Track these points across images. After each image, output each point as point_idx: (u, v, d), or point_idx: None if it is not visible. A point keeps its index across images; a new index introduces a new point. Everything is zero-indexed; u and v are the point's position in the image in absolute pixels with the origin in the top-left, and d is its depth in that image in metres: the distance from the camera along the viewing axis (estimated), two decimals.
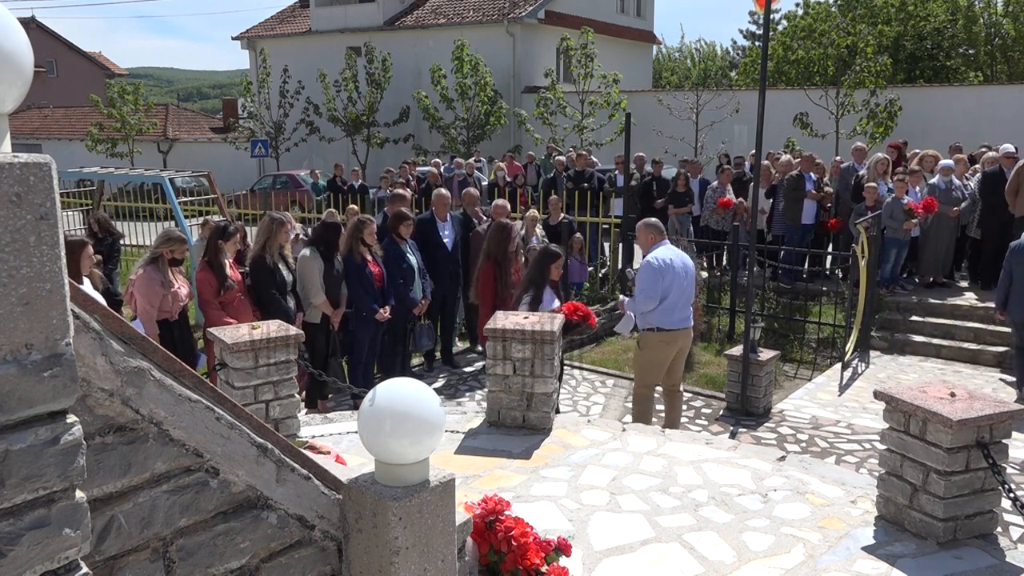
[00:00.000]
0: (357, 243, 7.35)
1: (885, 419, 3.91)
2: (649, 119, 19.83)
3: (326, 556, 2.17)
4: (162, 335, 6.21)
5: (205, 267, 6.63)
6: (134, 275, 6.33)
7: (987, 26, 32.98)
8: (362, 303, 7.32)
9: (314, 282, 7.19)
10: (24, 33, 1.42)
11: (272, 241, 6.94)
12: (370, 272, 7.40)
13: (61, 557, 1.38)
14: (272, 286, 6.86)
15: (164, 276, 6.25)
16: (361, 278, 7.32)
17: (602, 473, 4.53)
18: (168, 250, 6.35)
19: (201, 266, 6.65)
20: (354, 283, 7.32)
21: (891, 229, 10.36)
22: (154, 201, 16.95)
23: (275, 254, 6.95)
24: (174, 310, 6.31)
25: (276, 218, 7.14)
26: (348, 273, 7.30)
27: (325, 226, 7.59)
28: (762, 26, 7.98)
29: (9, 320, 1.29)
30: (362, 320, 7.41)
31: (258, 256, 6.93)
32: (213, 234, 6.86)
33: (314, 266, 7.21)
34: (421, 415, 2.11)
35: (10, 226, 1.28)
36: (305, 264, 7.21)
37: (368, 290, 7.34)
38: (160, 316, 6.23)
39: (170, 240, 6.43)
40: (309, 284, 7.17)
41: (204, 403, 1.84)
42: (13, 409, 1.30)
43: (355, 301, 7.35)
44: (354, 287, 7.32)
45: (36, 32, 43.24)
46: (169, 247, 6.37)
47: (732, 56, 50.58)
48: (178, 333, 6.46)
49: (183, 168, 22.82)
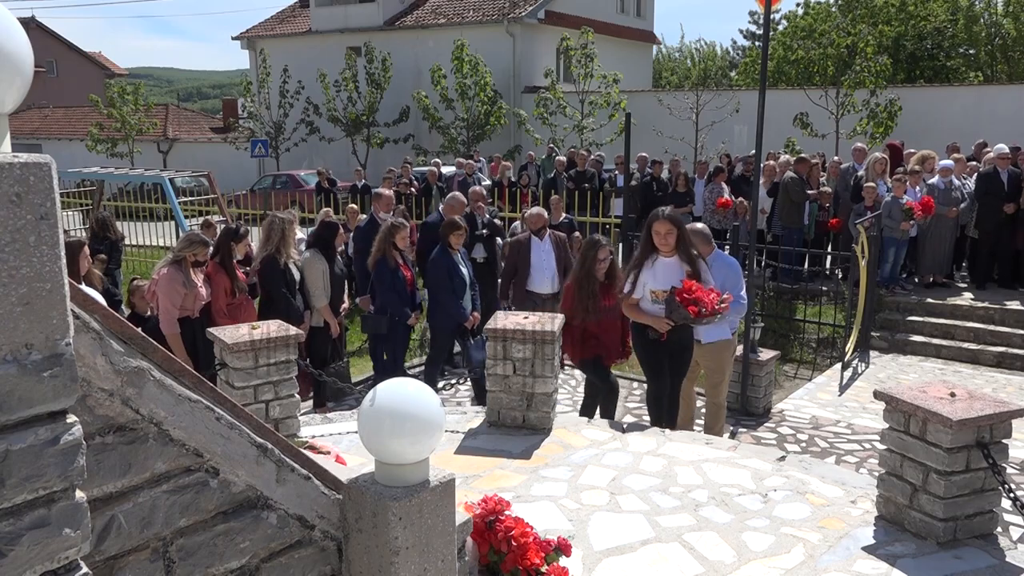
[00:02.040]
0: (390, 247, 7.15)
1: (885, 419, 3.91)
2: (649, 119, 19.83)
3: (326, 556, 2.17)
4: (183, 333, 6.26)
5: (218, 269, 6.64)
6: (156, 274, 6.36)
7: (987, 26, 32.96)
8: (395, 309, 7.13)
9: (318, 284, 7.17)
10: (24, 33, 1.42)
11: (284, 241, 6.92)
12: (403, 276, 7.21)
13: (61, 557, 1.39)
14: (283, 286, 6.85)
15: (186, 276, 6.28)
16: (394, 283, 7.13)
17: (602, 473, 4.53)
18: (191, 253, 6.37)
19: (213, 268, 6.66)
20: (387, 288, 7.12)
21: (889, 229, 10.37)
22: (154, 201, 16.95)
23: (286, 254, 6.95)
24: (195, 308, 6.35)
25: (285, 218, 7.10)
26: (381, 278, 7.12)
27: (324, 226, 7.58)
28: (762, 26, 7.98)
29: (9, 320, 1.29)
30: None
31: (270, 256, 6.89)
32: (225, 236, 6.88)
33: (319, 267, 7.18)
34: (421, 415, 2.11)
35: (10, 226, 1.28)
36: (310, 265, 7.19)
37: (402, 296, 7.15)
38: (182, 314, 6.26)
39: (192, 244, 6.45)
40: (314, 286, 7.15)
41: (204, 403, 1.84)
42: (13, 409, 1.30)
43: (388, 307, 7.15)
44: (387, 292, 7.12)
45: (36, 32, 43.23)
46: (192, 250, 6.39)
47: (732, 56, 50.56)
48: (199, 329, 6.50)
49: (183, 168, 22.82)
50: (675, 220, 5.39)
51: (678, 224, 5.41)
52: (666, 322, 5.32)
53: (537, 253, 7.92)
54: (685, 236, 5.40)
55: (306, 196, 17.75)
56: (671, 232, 5.34)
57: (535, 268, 7.88)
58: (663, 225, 5.36)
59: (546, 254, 7.95)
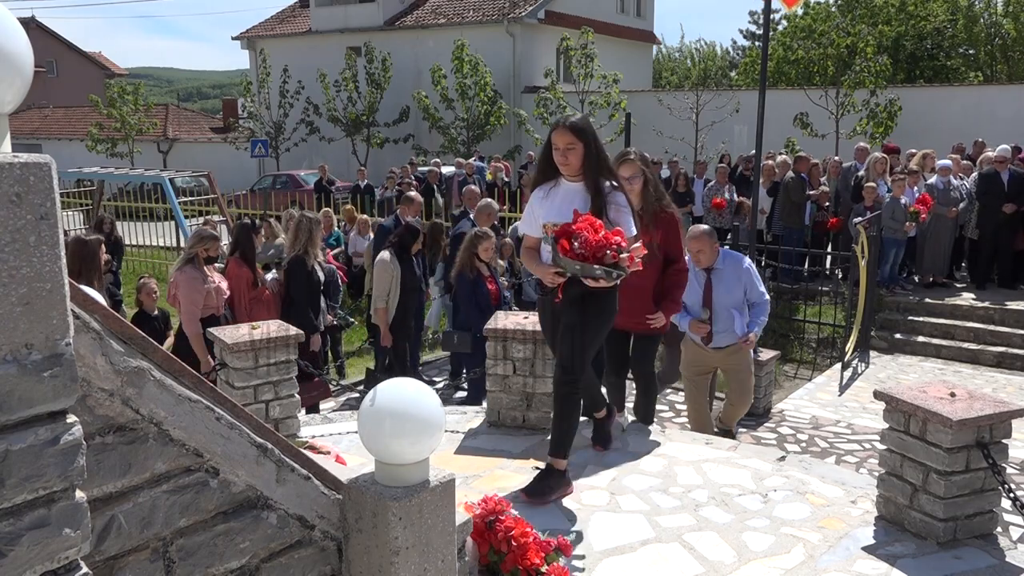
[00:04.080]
0: (472, 259, 6.82)
1: (885, 419, 3.91)
2: (649, 119, 19.83)
3: (326, 556, 2.17)
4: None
5: (239, 262, 6.60)
6: (173, 278, 6.31)
7: (987, 26, 32.97)
8: (478, 325, 6.44)
9: (384, 288, 6.94)
10: (24, 33, 1.42)
11: (311, 242, 6.80)
12: (486, 290, 6.83)
13: (61, 557, 1.39)
14: (308, 289, 6.68)
15: (203, 274, 6.24)
16: (477, 297, 6.79)
17: (602, 473, 4.53)
18: (203, 248, 6.33)
19: (235, 261, 6.62)
20: (467, 302, 6.73)
21: (890, 229, 10.37)
22: (154, 201, 16.95)
23: (314, 255, 6.84)
24: (220, 304, 6.30)
25: (313, 218, 6.97)
26: (461, 291, 6.79)
27: (408, 228, 7.29)
28: (762, 26, 7.98)
29: (9, 320, 1.29)
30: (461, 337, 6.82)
31: (298, 258, 6.74)
32: (244, 230, 6.83)
33: (391, 272, 6.98)
34: (421, 415, 2.11)
35: (10, 226, 1.28)
36: (382, 269, 6.99)
37: (484, 311, 6.54)
38: (207, 312, 6.21)
39: (203, 239, 6.40)
40: (379, 289, 6.94)
41: (204, 403, 1.84)
42: (13, 409, 1.30)
43: (469, 322, 6.73)
44: (468, 306, 6.73)
45: (36, 32, 43.21)
46: (203, 245, 6.33)
47: (732, 56, 50.56)
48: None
49: (183, 168, 22.82)
50: (577, 128, 3.91)
51: (580, 132, 3.91)
52: (551, 273, 3.88)
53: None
54: (594, 150, 3.92)
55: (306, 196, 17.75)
56: (573, 146, 3.88)
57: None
58: (562, 136, 3.90)
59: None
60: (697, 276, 5.58)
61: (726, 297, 5.61)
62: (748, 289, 5.63)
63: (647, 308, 4.79)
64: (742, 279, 5.61)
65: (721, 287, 5.61)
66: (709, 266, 5.61)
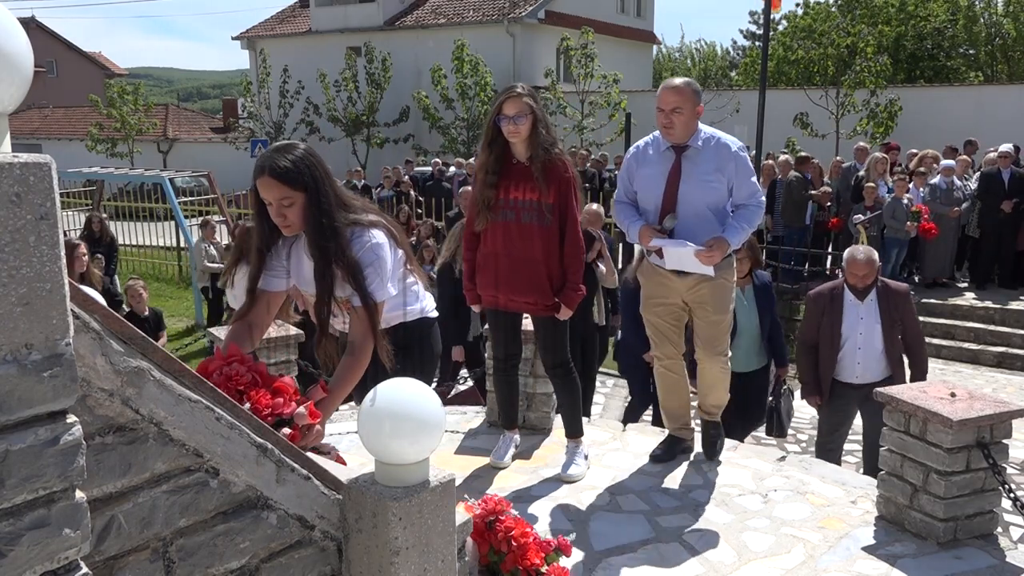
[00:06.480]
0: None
1: (885, 419, 3.91)
2: (649, 119, 19.57)
3: (326, 556, 2.17)
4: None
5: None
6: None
7: (987, 26, 32.98)
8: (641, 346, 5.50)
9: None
10: (24, 33, 1.42)
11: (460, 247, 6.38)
12: None
13: (61, 557, 1.38)
14: (453, 299, 5.97)
15: None
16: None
17: (602, 473, 4.53)
18: None
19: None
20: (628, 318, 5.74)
21: (892, 229, 10.37)
22: (154, 201, 16.96)
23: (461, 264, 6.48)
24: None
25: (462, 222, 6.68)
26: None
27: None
28: (762, 26, 7.98)
29: (9, 320, 1.29)
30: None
31: (445, 265, 6.27)
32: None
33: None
34: (421, 415, 2.11)
35: (10, 226, 1.27)
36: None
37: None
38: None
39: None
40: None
41: (204, 403, 1.84)
42: (13, 409, 1.30)
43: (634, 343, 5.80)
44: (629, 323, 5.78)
45: (36, 32, 43.20)
46: None
47: (732, 56, 50.56)
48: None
49: (183, 168, 22.82)
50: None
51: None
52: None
53: None
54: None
55: None
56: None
57: None
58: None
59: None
60: (661, 156, 3.98)
61: (699, 191, 3.90)
62: (735, 183, 3.94)
63: (540, 286, 3.96)
64: (725, 170, 3.92)
65: (694, 177, 3.91)
66: (681, 142, 3.96)
